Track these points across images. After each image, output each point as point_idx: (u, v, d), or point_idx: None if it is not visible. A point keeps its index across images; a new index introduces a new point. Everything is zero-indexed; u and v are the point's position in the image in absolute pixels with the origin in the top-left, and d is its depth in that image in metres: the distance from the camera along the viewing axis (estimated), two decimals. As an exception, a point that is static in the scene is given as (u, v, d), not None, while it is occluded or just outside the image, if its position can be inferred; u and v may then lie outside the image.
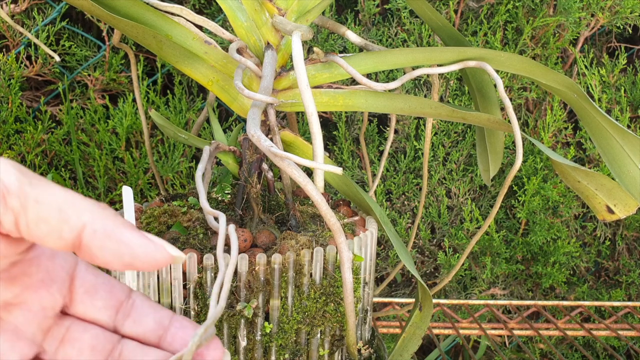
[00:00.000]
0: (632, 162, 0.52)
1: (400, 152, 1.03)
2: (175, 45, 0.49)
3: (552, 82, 0.53)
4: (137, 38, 0.48)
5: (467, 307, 0.91)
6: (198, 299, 0.47)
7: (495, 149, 0.65)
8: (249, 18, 0.54)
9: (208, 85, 0.53)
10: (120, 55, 0.98)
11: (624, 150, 0.52)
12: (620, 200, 0.53)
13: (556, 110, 1.00)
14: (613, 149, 0.53)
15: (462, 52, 0.52)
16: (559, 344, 1.08)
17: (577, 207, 1.03)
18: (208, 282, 0.47)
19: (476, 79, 0.61)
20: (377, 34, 0.99)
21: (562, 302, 0.93)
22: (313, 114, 0.47)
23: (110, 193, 1.01)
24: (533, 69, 0.52)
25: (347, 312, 0.48)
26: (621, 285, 1.07)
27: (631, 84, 1.03)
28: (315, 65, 0.55)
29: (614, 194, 0.53)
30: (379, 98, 0.55)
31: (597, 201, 0.54)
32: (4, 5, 0.96)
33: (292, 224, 0.54)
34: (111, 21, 0.46)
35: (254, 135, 0.44)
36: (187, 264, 0.47)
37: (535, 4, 0.98)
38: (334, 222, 0.44)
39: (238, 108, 0.56)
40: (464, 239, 1.01)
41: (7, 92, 0.95)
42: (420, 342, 0.54)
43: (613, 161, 0.53)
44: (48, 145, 0.99)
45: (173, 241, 0.50)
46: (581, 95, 0.52)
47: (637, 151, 0.52)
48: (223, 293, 0.36)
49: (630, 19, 1.00)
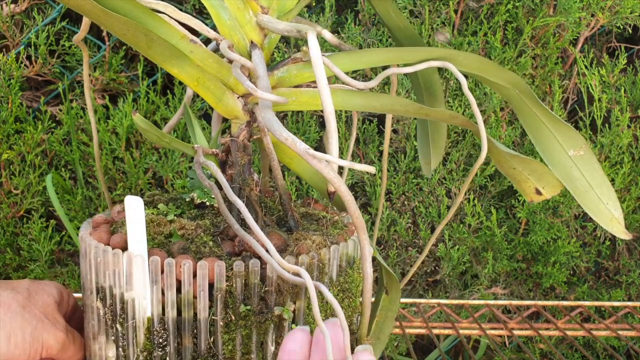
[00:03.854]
0: (562, 150, 0.58)
1: (400, 152, 1.03)
2: (166, 43, 0.47)
3: (501, 80, 0.56)
4: (126, 36, 0.46)
5: (467, 307, 0.91)
6: (228, 307, 0.46)
7: (438, 143, 0.67)
8: (232, 16, 0.53)
9: (193, 85, 0.52)
10: (120, 55, 0.99)
11: (556, 140, 0.58)
12: (548, 183, 0.59)
13: (556, 110, 1.00)
14: (546, 139, 0.58)
15: (428, 52, 0.55)
16: (559, 344, 1.08)
17: (577, 207, 1.03)
18: (238, 289, 0.46)
19: (425, 78, 0.63)
20: (377, 34, 0.99)
21: (562, 302, 0.93)
22: (331, 113, 0.47)
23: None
24: (486, 67, 0.55)
25: (365, 304, 0.48)
26: (621, 285, 1.07)
27: (631, 84, 1.03)
28: (297, 64, 0.55)
29: (543, 178, 0.59)
30: (354, 97, 0.56)
31: (527, 185, 0.59)
32: (4, 5, 0.96)
33: (291, 225, 0.54)
34: (102, 17, 0.44)
35: (287, 139, 0.44)
36: (215, 273, 0.46)
37: (535, 4, 0.98)
38: (360, 221, 0.46)
39: (223, 109, 0.54)
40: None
41: (7, 92, 0.95)
42: (394, 323, 0.58)
43: (545, 150, 0.58)
44: (48, 145, 0.99)
45: (183, 251, 0.48)
46: (525, 91, 0.56)
47: (568, 139, 0.57)
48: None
49: (630, 19, 1.00)
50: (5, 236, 0.98)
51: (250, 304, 0.47)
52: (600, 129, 1.02)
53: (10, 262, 0.99)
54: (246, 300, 0.47)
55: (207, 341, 0.47)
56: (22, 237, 0.98)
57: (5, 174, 0.97)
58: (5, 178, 0.97)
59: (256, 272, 0.46)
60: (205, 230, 0.51)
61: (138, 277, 0.46)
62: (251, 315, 0.47)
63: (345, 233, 0.54)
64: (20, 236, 0.99)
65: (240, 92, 0.54)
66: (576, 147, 0.57)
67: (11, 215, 0.99)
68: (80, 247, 0.53)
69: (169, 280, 0.46)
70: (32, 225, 0.97)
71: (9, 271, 0.99)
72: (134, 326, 0.47)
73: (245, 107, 0.54)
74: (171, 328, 0.47)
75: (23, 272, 0.99)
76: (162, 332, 0.47)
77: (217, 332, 0.47)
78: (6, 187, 0.98)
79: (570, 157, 0.57)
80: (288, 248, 0.50)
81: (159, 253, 0.47)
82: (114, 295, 0.48)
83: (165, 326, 0.47)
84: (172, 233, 0.51)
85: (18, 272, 0.99)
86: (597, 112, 1.02)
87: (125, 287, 0.47)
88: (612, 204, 0.57)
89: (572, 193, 0.58)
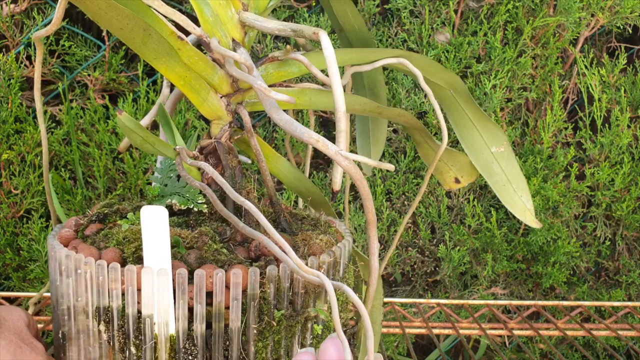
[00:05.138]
0: (486, 146, 0.62)
1: (400, 152, 1.03)
2: (162, 39, 0.46)
3: (440, 80, 0.59)
4: (123, 31, 0.44)
5: (467, 307, 0.91)
6: (263, 314, 0.45)
7: (378, 141, 0.70)
8: (214, 13, 0.52)
9: (180, 85, 0.50)
10: (120, 55, 0.98)
11: (481, 137, 0.62)
12: (466, 172, 0.65)
13: (556, 110, 1.00)
14: (472, 136, 0.62)
15: (387, 52, 0.58)
16: (559, 344, 1.08)
17: (577, 207, 1.03)
18: (271, 295, 0.45)
19: (370, 79, 0.66)
20: (377, 34, 0.99)
21: (562, 302, 0.93)
22: (344, 112, 0.47)
23: (110, 193, 1.00)
24: (430, 67, 0.59)
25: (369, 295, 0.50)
26: (621, 285, 1.07)
27: (631, 84, 1.03)
28: (274, 63, 0.55)
29: (464, 168, 0.64)
30: (320, 96, 0.56)
31: (448, 175, 0.65)
32: (4, 5, 0.96)
33: (284, 226, 0.54)
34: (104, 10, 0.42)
35: (318, 141, 0.44)
36: (249, 280, 0.44)
37: (535, 4, 0.98)
38: (374, 218, 0.48)
39: (207, 110, 0.53)
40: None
41: (7, 92, 0.95)
42: (382, 311, 0.61)
43: (470, 146, 0.62)
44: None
45: (201, 262, 0.46)
46: (461, 91, 0.61)
47: (492, 137, 0.62)
48: None
49: (630, 19, 1.00)
50: (5, 236, 0.98)
51: (281, 309, 0.46)
52: (600, 129, 1.02)
53: (10, 262, 0.99)
54: (277, 305, 0.46)
55: (239, 351, 0.45)
56: (22, 237, 0.98)
57: (5, 174, 0.97)
58: (5, 178, 0.97)
59: (287, 276, 0.46)
60: (212, 238, 0.49)
61: (160, 292, 0.43)
62: (284, 319, 0.46)
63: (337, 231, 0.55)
64: (20, 236, 0.99)
65: (223, 92, 0.53)
66: (498, 144, 0.62)
67: (11, 215, 0.99)
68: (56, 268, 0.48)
69: (198, 292, 0.43)
70: (32, 225, 0.97)
71: (9, 271, 0.99)
72: (153, 346, 0.44)
73: (228, 107, 0.53)
74: (200, 343, 0.44)
75: (23, 272, 0.99)
76: (191, 348, 0.44)
77: (249, 341, 0.45)
78: (6, 187, 0.98)
79: (492, 153, 0.62)
80: (298, 249, 0.49)
81: (180, 265, 0.45)
82: (125, 316, 0.44)
83: (195, 342, 0.44)
84: (176, 243, 0.48)
85: (18, 272, 0.99)
86: (597, 112, 1.02)
87: (143, 305, 0.44)
88: (525, 196, 0.61)
89: (492, 186, 0.62)
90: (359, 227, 1.01)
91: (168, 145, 0.52)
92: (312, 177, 1.02)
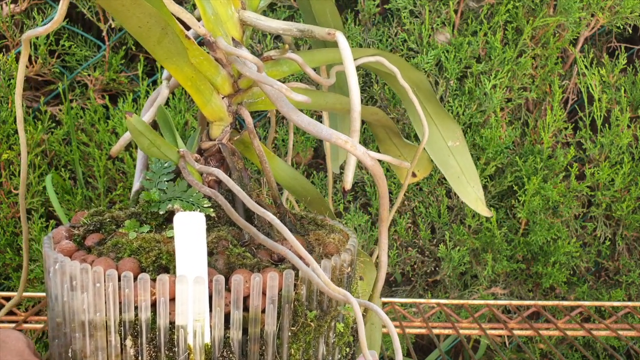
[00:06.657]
0: (443, 141, 0.65)
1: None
2: (176, 39, 0.45)
3: (407, 79, 0.61)
4: (141, 29, 0.43)
5: (467, 307, 0.91)
6: (298, 316, 0.45)
7: None
8: (215, 11, 0.51)
9: (187, 86, 0.50)
10: (120, 55, 0.98)
11: (439, 132, 0.65)
12: (423, 167, 0.68)
13: (556, 110, 1.00)
14: (432, 133, 0.65)
15: (363, 52, 0.60)
16: (559, 344, 1.08)
17: (577, 207, 1.03)
18: (304, 297, 0.45)
19: (340, 78, 0.67)
20: (377, 34, 0.99)
21: (562, 302, 0.93)
22: (359, 113, 0.48)
23: (110, 193, 1.01)
24: (399, 65, 0.60)
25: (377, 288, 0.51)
26: (621, 285, 1.07)
27: (631, 84, 1.03)
28: (267, 63, 0.55)
29: (421, 163, 0.68)
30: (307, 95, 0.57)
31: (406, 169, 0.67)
32: (4, 5, 0.96)
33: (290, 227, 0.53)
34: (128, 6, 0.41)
35: (347, 142, 0.44)
36: (284, 283, 0.44)
37: (535, 4, 0.98)
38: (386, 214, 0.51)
39: (210, 112, 0.53)
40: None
41: (7, 92, 0.95)
42: (380, 299, 0.63)
43: (430, 141, 0.65)
44: (48, 145, 0.99)
45: (230, 267, 0.45)
46: (424, 89, 0.64)
47: (449, 132, 0.65)
48: None
49: (630, 19, 1.00)
50: (5, 236, 0.98)
51: (312, 309, 0.46)
52: (600, 129, 1.02)
53: (10, 262, 0.99)
54: (309, 306, 0.46)
55: (273, 355, 0.44)
56: (22, 237, 0.98)
57: (5, 174, 0.97)
58: (5, 178, 0.97)
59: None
60: (231, 242, 0.48)
61: (196, 301, 0.42)
62: (316, 320, 0.46)
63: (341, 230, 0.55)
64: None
65: (225, 92, 0.53)
66: (454, 138, 0.65)
67: (11, 215, 0.99)
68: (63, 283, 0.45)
69: (236, 298, 0.43)
70: (32, 225, 0.97)
71: (9, 271, 0.99)
72: (187, 357, 0.43)
73: (229, 108, 0.53)
74: (237, 350, 0.44)
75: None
76: (229, 355, 0.43)
77: (283, 344, 0.45)
78: (6, 187, 0.98)
79: (449, 147, 0.65)
80: (314, 249, 0.49)
81: (212, 272, 0.44)
82: (156, 328, 0.43)
83: (232, 349, 0.43)
84: None
85: (18, 272, 0.99)
86: (597, 112, 1.02)
87: (177, 315, 0.42)
88: (476, 186, 0.65)
89: (447, 178, 0.64)
90: (358, 227, 1.01)
91: (173, 147, 0.51)
92: (312, 177, 1.02)
